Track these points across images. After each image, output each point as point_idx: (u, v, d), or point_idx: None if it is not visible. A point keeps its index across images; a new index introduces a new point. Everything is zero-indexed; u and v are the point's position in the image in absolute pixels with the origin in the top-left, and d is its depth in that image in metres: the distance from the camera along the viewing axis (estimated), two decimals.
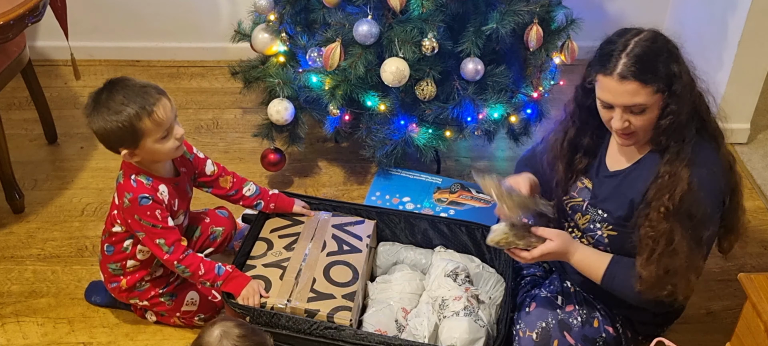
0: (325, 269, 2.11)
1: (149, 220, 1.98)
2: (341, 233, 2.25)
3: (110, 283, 2.16)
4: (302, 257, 2.15)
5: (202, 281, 2.05)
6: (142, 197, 1.97)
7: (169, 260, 2.01)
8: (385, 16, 2.40)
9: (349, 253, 2.18)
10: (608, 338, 1.94)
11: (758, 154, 3.07)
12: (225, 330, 1.59)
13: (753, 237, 2.67)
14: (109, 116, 1.89)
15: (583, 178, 1.98)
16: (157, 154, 1.98)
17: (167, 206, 2.03)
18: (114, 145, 1.95)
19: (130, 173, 2.00)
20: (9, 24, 2.25)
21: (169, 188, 2.04)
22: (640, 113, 1.73)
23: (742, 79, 2.95)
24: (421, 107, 2.55)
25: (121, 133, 1.90)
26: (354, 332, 1.95)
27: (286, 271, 2.10)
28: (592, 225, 1.93)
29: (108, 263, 2.13)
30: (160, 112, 1.91)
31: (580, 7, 2.67)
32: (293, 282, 2.06)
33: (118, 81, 1.95)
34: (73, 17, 2.74)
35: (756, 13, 2.77)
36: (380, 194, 2.69)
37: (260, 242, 2.22)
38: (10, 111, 3.05)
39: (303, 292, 2.03)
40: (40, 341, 2.18)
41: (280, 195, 2.32)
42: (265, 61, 2.77)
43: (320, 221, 2.28)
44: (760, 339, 1.68)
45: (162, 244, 2.00)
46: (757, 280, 1.72)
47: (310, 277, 2.08)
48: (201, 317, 2.21)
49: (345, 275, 2.10)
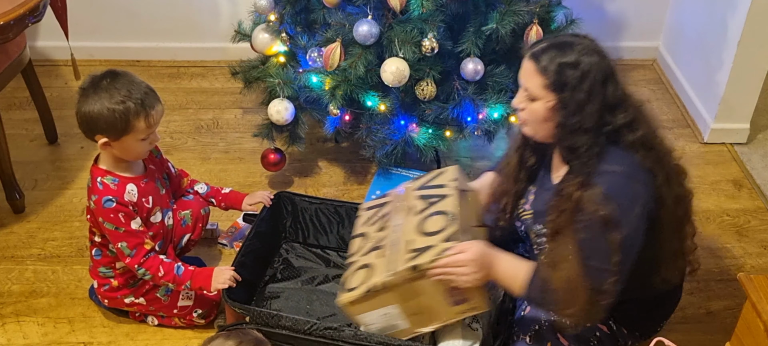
0: (418, 228, 1.95)
1: (112, 222, 2.00)
2: (425, 190, 2.11)
3: (102, 287, 2.17)
4: (396, 229, 2.02)
5: (163, 282, 2.06)
6: (106, 199, 1.99)
7: (130, 263, 2.03)
8: (385, 16, 2.40)
9: (438, 202, 2.01)
10: (602, 336, 1.93)
11: (758, 154, 3.07)
12: None
13: (753, 237, 2.67)
14: (108, 102, 1.91)
15: (533, 188, 1.98)
16: (129, 152, 2.01)
17: (137, 205, 2.04)
18: (95, 132, 1.96)
19: (97, 176, 2.02)
20: (9, 24, 2.26)
21: (138, 186, 2.06)
22: (530, 100, 1.77)
23: (742, 79, 2.95)
24: (421, 107, 2.56)
25: (113, 122, 1.92)
26: (354, 332, 1.95)
27: (385, 248, 1.97)
28: (539, 239, 1.92)
29: (98, 267, 2.15)
30: (155, 115, 1.97)
31: (580, 7, 2.67)
32: (391, 254, 1.92)
33: (122, 73, 1.97)
34: (73, 17, 2.74)
35: (756, 13, 2.77)
36: (380, 193, 2.69)
37: (354, 241, 2.12)
38: (10, 111, 3.05)
39: (402, 256, 1.88)
40: (41, 341, 2.19)
41: (232, 192, 2.36)
42: (265, 61, 2.77)
43: (405, 192, 2.16)
44: (760, 339, 1.69)
45: (124, 247, 2.02)
46: (756, 280, 1.72)
47: (405, 241, 1.93)
48: (199, 313, 2.20)
49: (439, 223, 1.93)
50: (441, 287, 1.85)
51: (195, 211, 2.30)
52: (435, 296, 1.87)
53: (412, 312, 1.91)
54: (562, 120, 1.74)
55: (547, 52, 1.74)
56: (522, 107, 1.81)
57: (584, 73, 1.71)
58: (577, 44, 1.74)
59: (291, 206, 2.43)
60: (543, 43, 1.78)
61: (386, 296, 1.88)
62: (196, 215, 2.30)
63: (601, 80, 1.72)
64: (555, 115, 1.75)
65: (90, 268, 2.20)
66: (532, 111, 1.78)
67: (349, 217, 2.41)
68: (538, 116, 1.78)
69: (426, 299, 1.88)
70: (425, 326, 1.94)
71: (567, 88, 1.71)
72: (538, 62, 1.74)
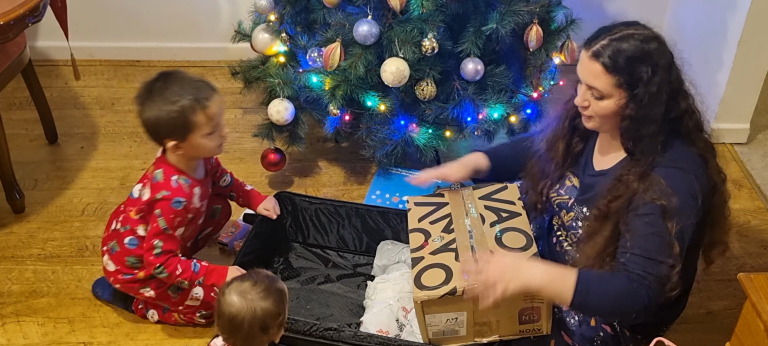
0: (497, 240, 1.98)
1: (167, 222, 2.01)
2: (492, 202, 2.13)
3: (122, 274, 2.13)
4: (467, 234, 2.01)
5: (179, 280, 2.06)
6: (176, 200, 2.00)
7: (153, 261, 2.03)
8: (385, 16, 2.40)
9: (510, 219, 2.05)
10: (606, 336, 1.94)
11: (758, 154, 3.07)
12: (240, 291, 1.70)
13: (753, 237, 2.67)
14: (163, 106, 1.92)
15: (571, 175, 1.99)
16: (200, 150, 2.01)
17: (198, 209, 2.07)
18: (162, 136, 1.97)
19: (172, 174, 2.02)
20: (9, 24, 2.25)
21: (201, 190, 2.09)
22: (599, 99, 1.76)
23: (742, 79, 2.95)
24: (421, 107, 2.56)
25: (173, 123, 1.93)
26: (354, 332, 1.95)
27: (459, 252, 1.95)
28: (575, 222, 1.93)
29: (127, 256, 2.11)
30: (213, 107, 1.96)
31: (580, 7, 2.67)
32: (472, 260, 1.87)
33: (173, 73, 1.98)
34: (73, 17, 2.74)
35: (756, 13, 2.78)
36: (380, 193, 2.70)
37: (415, 234, 2.09)
38: (10, 111, 3.05)
39: None
40: (41, 341, 2.19)
41: (253, 191, 2.35)
42: (265, 61, 2.77)
43: (465, 197, 2.17)
44: (760, 339, 1.68)
45: (157, 245, 2.02)
46: (757, 280, 1.72)
47: (486, 250, 1.93)
48: (202, 314, 2.20)
49: (519, 240, 1.97)
50: (518, 305, 1.85)
51: (225, 209, 2.34)
52: (508, 312, 1.87)
53: (478, 322, 1.90)
54: (632, 113, 1.74)
55: (609, 49, 1.72)
56: (586, 105, 1.79)
57: (654, 66, 1.71)
58: (636, 35, 1.73)
59: (291, 206, 2.44)
60: (601, 39, 1.74)
61: (463, 303, 1.86)
62: (225, 213, 2.34)
63: (667, 68, 1.73)
64: (625, 110, 1.75)
65: (113, 252, 2.14)
66: (601, 108, 1.77)
67: (349, 217, 2.42)
68: (608, 113, 1.77)
69: (498, 313, 1.88)
70: (482, 337, 1.93)
71: (640, 85, 1.71)
72: (604, 61, 1.72)
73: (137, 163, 2.86)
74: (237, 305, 1.70)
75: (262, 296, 1.71)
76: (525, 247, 1.93)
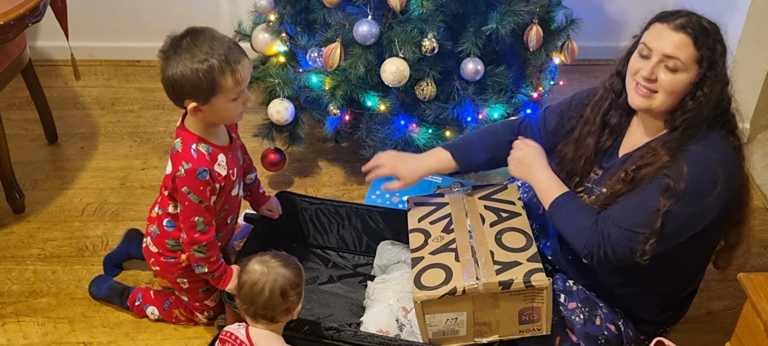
0: (497, 240, 1.98)
1: (198, 195, 1.90)
2: (491, 202, 2.13)
3: (164, 257, 2.07)
4: (468, 234, 2.01)
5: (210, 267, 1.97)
6: (201, 170, 1.89)
7: (199, 238, 1.93)
8: (385, 16, 2.40)
9: (510, 219, 2.05)
10: (610, 335, 1.94)
11: (758, 154, 3.07)
12: (261, 260, 1.83)
13: (753, 237, 2.66)
14: (190, 63, 1.78)
15: (597, 168, 1.99)
16: (220, 115, 1.89)
17: (226, 177, 1.95)
18: (184, 96, 1.83)
19: (191, 142, 1.90)
20: (9, 24, 2.26)
21: (228, 157, 1.97)
22: (671, 71, 1.73)
23: (742, 80, 2.93)
24: (421, 107, 2.56)
25: (198, 83, 1.79)
26: (354, 332, 1.95)
27: (459, 252, 1.96)
28: None
29: (167, 238, 2.05)
30: (242, 70, 1.83)
31: (580, 7, 2.67)
32: (472, 261, 1.91)
33: (203, 29, 1.83)
34: (73, 17, 2.74)
35: (756, 13, 2.77)
36: (380, 193, 2.69)
37: (415, 234, 2.09)
38: (10, 111, 3.05)
39: (488, 267, 1.89)
40: (41, 341, 2.19)
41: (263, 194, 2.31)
42: (265, 61, 2.77)
43: (464, 197, 2.17)
44: (760, 339, 1.68)
45: (199, 222, 1.92)
46: (756, 280, 1.72)
47: (486, 251, 1.94)
48: (209, 314, 2.21)
49: (519, 240, 1.97)
50: (518, 305, 1.86)
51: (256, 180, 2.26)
52: (508, 312, 1.88)
53: (478, 322, 1.90)
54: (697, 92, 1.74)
55: (695, 23, 1.73)
56: (654, 78, 1.76)
57: (724, 51, 1.74)
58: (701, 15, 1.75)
59: (291, 206, 2.43)
60: (682, 15, 1.74)
61: (463, 303, 1.87)
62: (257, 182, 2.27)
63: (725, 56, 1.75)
64: (696, 87, 1.74)
65: (153, 236, 2.08)
66: (674, 82, 1.74)
67: (349, 217, 2.42)
68: (677, 89, 1.75)
69: (498, 313, 1.88)
70: (482, 337, 1.93)
71: (716, 65, 1.73)
72: (691, 33, 1.72)
73: (137, 163, 2.86)
74: (258, 272, 1.81)
75: (282, 265, 1.83)
76: (525, 247, 1.94)
